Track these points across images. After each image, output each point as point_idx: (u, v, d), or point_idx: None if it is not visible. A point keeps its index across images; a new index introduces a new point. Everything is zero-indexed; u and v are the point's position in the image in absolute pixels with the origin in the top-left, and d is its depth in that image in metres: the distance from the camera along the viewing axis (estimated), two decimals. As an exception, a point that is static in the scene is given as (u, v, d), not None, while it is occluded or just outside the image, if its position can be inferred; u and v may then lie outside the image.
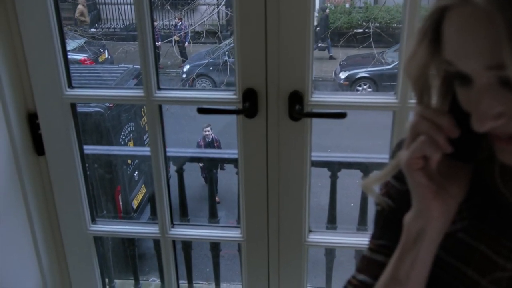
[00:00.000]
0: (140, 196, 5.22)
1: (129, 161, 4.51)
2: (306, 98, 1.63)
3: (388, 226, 0.90)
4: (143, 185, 5.27)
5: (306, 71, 1.61)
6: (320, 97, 1.65)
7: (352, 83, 8.58)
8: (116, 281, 3.11)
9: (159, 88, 1.72)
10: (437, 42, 0.68)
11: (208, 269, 4.98)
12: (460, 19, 0.62)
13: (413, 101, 1.60)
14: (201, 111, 1.64)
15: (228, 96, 1.69)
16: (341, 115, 1.59)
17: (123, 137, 5.15)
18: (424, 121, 0.73)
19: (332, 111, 1.64)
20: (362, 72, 8.57)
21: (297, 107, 1.63)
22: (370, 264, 0.92)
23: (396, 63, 8.10)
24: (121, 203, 4.28)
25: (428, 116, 0.72)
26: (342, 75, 8.65)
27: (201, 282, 4.73)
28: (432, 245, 0.77)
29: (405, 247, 0.79)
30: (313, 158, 1.77)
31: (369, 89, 8.51)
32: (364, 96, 1.68)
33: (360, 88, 8.54)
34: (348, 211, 5.00)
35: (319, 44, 9.10)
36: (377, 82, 8.44)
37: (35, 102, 1.77)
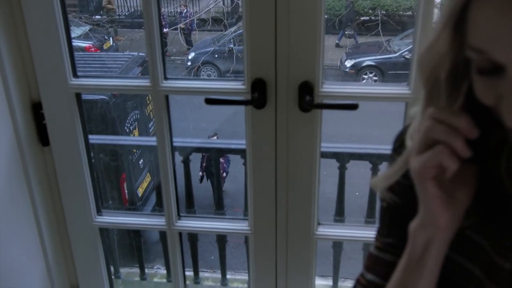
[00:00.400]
0: (145, 184, 5.21)
1: (134, 150, 4.48)
2: (316, 89, 1.59)
3: (394, 224, 0.88)
4: (148, 173, 5.26)
5: (317, 61, 1.56)
6: (331, 88, 1.61)
7: (358, 72, 8.51)
8: (122, 270, 3.10)
9: (165, 78, 1.68)
10: (460, 29, 0.62)
11: (213, 257, 4.99)
12: (496, 1, 0.56)
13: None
14: (209, 101, 1.60)
15: (236, 86, 1.65)
16: (353, 107, 1.54)
17: (128, 125, 5.13)
18: (439, 125, 0.67)
19: (344, 102, 1.60)
20: (368, 61, 8.49)
21: (307, 98, 1.59)
22: (378, 263, 0.90)
23: (402, 51, 8.04)
24: (126, 191, 4.27)
25: (444, 119, 0.67)
26: (348, 64, 8.58)
27: (205, 270, 4.73)
28: (440, 254, 0.74)
29: (412, 257, 0.75)
30: (321, 149, 1.73)
31: (375, 78, 8.46)
32: (376, 87, 1.64)
33: (366, 76, 8.48)
34: (353, 200, 4.98)
35: (346, 32, 8.99)
36: (383, 71, 8.37)
37: (40, 91, 1.73)
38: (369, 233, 1.89)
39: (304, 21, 1.51)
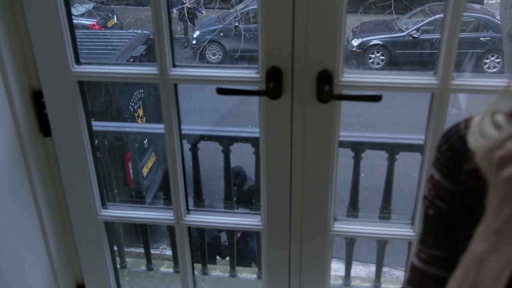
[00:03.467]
0: (150, 164, 5.17)
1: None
2: (336, 78, 1.48)
3: (442, 233, 0.80)
4: (152, 153, 5.20)
5: (337, 47, 1.45)
6: (351, 77, 1.50)
7: (365, 51, 8.36)
8: (128, 260, 3.03)
9: (174, 65, 1.57)
10: None
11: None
12: None
13: (455, 82, 1.45)
14: (221, 91, 1.50)
15: (250, 75, 1.54)
16: (376, 98, 1.43)
17: (132, 104, 5.06)
18: None
19: (366, 94, 1.50)
20: (375, 40, 8.34)
21: (326, 88, 1.48)
22: (424, 277, 0.82)
23: (410, 30, 7.89)
24: (131, 171, 4.20)
25: None
26: (355, 42, 8.42)
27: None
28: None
29: (479, 285, 0.65)
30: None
31: (382, 57, 8.31)
32: (400, 76, 1.53)
33: (373, 56, 8.33)
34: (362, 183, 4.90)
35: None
36: (391, 50, 8.22)
37: (40, 79, 1.63)
38: (388, 229, 1.80)
39: (325, 3, 1.39)
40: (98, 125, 3.18)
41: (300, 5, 1.40)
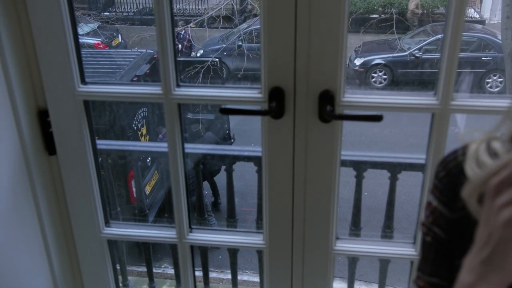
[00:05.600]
0: (152, 182, 5.16)
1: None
2: (337, 98, 1.50)
3: (440, 262, 0.80)
4: (155, 171, 5.21)
5: (338, 67, 1.47)
6: (353, 97, 1.52)
7: (367, 70, 8.41)
8: (130, 278, 3.03)
9: (178, 85, 1.59)
10: None
11: (220, 257, 4.92)
12: None
13: (455, 102, 1.47)
14: (224, 111, 1.52)
15: (253, 94, 1.56)
16: (377, 118, 1.45)
17: (136, 123, 5.08)
18: None
19: (367, 113, 1.51)
20: (377, 59, 8.39)
21: (328, 107, 1.50)
22: None
23: (412, 49, 7.94)
24: (134, 189, 4.20)
25: None
26: (358, 62, 8.47)
27: (213, 270, 4.66)
28: None
29: None
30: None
31: (385, 76, 8.35)
32: (401, 96, 1.55)
33: (375, 75, 8.37)
34: (364, 202, 4.89)
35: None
36: (393, 69, 8.27)
37: (46, 98, 1.65)
38: (390, 248, 1.80)
39: (326, 25, 1.42)
40: (102, 144, 3.20)
41: (301, 26, 1.43)
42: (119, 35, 7.79)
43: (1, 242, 1.61)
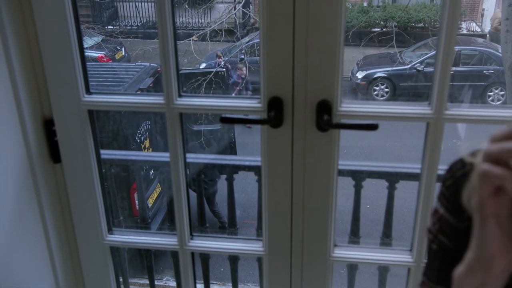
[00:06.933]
0: (155, 195, 5.19)
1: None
2: (334, 108, 1.55)
3: (445, 269, 0.82)
4: (158, 184, 5.24)
5: (335, 79, 1.52)
6: (350, 107, 1.56)
7: (369, 83, 8.46)
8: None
9: (180, 95, 1.64)
10: None
11: (222, 269, 4.93)
12: None
13: (448, 112, 1.51)
14: (224, 120, 1.57)
15: (252, 104, 1.61)
16: (373, 127, 1.49)
17: (139, 136, 5.12)
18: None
19: (363, 123, 1.55)
20: (379, 72, 8.45)
21: (325, 117, 1.54)
22: None
23: (414, 63, 8.00)
24: (136, 202, 4.24)
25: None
26: (359, 75, 8.53)
27: (214, 282, 4.68)
28: None
29: None
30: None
31: (386, 89, 8.40)
32: (396, 106, 1.60)
33: (377, 88, 8.42)
34: (363, 212, 4.91)
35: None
36: (395, 83, 8.32)
37: (52, 108, 1.70)
38: (387, 256, 1.84)
39: (323, 36, 1.47)
40: (105, 153, 3.24)
41: (299, 39, 1.48)
42: (123, 48, 7.88)
43: (6, 248, 1.65)
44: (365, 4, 10.43)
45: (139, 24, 9.67)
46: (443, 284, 0.81)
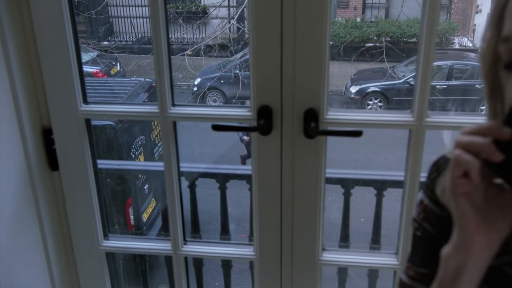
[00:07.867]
0: (150, 210, 5.21)
1: (140, 175, 4.51)
2: (321, 116, 1.62)
3: (428, 254, 0.88)
4: (153, 198, 5.27)
5: (322, 88, 1.60)
6: (335, 115, 1.64)
7: (363, 97, 8.55)
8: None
9: (173, 105, 1.72)
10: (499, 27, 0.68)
11: (217, 283, 4.96)
12: None
13: (429, 119, 1.59)
14: (216, 128, 1.64)
15: (243, 113, 1.68)
16: (357, 134, 1.57)
17: (134, 151, 5.16)
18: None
19: (348, 129, 1.63)
20: (373, 87, 8.54)
21: (312, 124, 1.62)
22: None
23: (407, 77, 8.11)
24: (131, 216, 4.28)
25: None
26: (353, 89, 8.63)
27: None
28: (473, 281, 0.72)
29: (444, 282, 0.74)
30: (326, 175, 1.75)
31: (380, 104, 8.49)
32: (380, 114, 1.68)
33: (371, 102, 8.52)
34: (359, 226, 4.96)
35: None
36: (388, 97, 8.41)
37: (50, 117, 1.77)
38: (374, 259, 1.90)
39: (310, 47, 1.55)
40: (101, 163, 3.29)
41: (287, 50, 1.56)
42: (118, 64, 7.95)
43: (4, 253, 1.70)
44: (358, 19, 10.59)
45: (134, 39, 9.77)
46: (426, 267, 0.88)
